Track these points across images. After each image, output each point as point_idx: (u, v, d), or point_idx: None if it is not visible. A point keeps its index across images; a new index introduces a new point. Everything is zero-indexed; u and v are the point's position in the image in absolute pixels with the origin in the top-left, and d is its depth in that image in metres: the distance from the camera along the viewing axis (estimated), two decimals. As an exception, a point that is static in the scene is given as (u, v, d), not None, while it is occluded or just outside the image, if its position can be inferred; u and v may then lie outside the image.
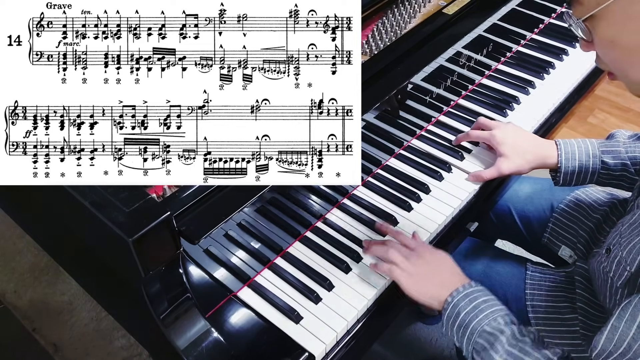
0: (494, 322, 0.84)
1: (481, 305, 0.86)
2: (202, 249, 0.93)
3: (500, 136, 1.12)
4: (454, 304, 0.87)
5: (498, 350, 0.81)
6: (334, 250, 0.99)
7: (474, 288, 0.89)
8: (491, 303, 0.87)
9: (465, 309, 0.86)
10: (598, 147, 1.08)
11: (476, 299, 0.87)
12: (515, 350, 0.80)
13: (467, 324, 0.85)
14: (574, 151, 1.08)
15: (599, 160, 1.07)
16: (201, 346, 0.82)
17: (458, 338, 0.87)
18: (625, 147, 1.07)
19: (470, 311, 0.86)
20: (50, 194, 0.86)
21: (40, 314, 1.76)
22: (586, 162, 1.07)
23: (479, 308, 0.86)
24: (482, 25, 1.27)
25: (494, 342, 0.81)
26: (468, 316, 0.85)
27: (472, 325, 0.85)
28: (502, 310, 0.86)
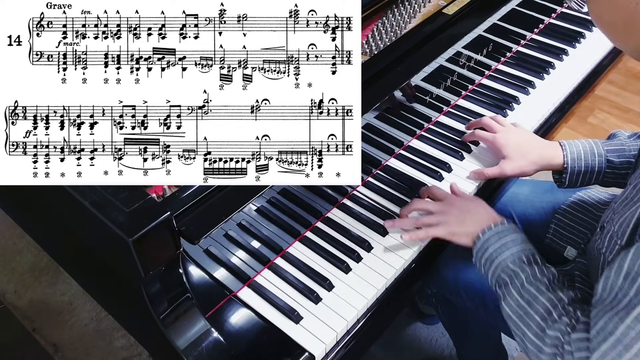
0: (518, 260, 0.89)
1: (509, 243, 0.92)
2: (202, 249, 0.93)
3: (503, 138, 1.12)
4: (484, 240, 0.94)
5: (517, 286, 0.87)
6: (334, 250, 0.99)
7: (504, 226, 0.94)
8: (519, 241, 0.92)
9: (493, 245, 0.92)
10: (602, 147, 1.08)
11: (504, 236, 0.93)
12: (532, 288, 0.86)
13: (494, 260, 0.92)
14: (580, 151, 1.08)
15: (604, 160, 1.07)
16: (201, 346, 0.82)
17: (485, 271, 0.94)
18: (628, 146, 1.08)
19: (498, 248, 0.92)
20: (50, 194, 0.86)
21: (40, 314, 1.76)
22: (592, 161, 1.07)
23: (507, 246, 0.91)
24: (482, 25, 1.27)
25: (514, 278, 0.88)
26: (495, 252, 0.92)
27: (497, 262, 0.91)
28: (527, 250, 0.91)
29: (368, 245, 1.00)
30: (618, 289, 0.73)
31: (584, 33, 1.47)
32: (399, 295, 0.98)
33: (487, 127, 1.17)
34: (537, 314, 0.84)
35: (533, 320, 0.83)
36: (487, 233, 0.94)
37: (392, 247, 1.01)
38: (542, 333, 0.82)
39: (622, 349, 0.71)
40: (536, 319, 0.83)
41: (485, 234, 0.94)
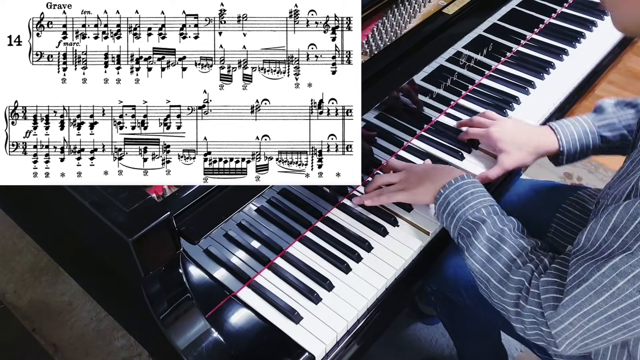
0: (478, 212, 0.92)
1: (468, 197, 0.94)
2: (202, 249, 0.93)
3: (497, 133, 1.12)
4: (444, 195, 0.97)
5: (479, 237, 0.89)
6: (334, 250, 0.99)
7: (464, 180, 0.97)
8: (478, 195, 0.95)
9: (454, 199, 0.95)
10: (594, 123, 1.10)
11: (465, 190, 0.95)
12: (494, 237, 0.88)
13: (455, 213, 0.94)
14: (572, 132, 1.10)
15: (597, 136, 1.09)
16: (201, 346, 0.82)
17: (447, 225, 0.97)
18: (618, 117, 1.10)
19: (458, 202, 0.94)
20: (50, 194, 0.86)
21: (40, 314, 1.76)
22: (586, 140, 1.09)
23: (466, 199, 0.94)
24: (482, 25, 1.27)
25: (476, 229, 0.90)
26: (456, 206, 0.94)
27: (458, 214, 0.94)
28: (487, 201, 0.94)
29: (368, 245, 1.00)
30: (602, 241, 0.75)
31: (584, 33, 1.47)
32: (399, 295, 0.98)
33: (478, 124, 1.18)
34: (500, 261, 0.87)
35: (496, 267, 0.86)
36: (447, 188, 0.96)
37: (392, 247, 1.01)
38: (505, 279, 0.85)
39: (593, 295, 0.74)
40: (499, 265, 0.86)
41: (445, 189, 0.97)
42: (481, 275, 0.89)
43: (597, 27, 1.50)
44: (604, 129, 1.09)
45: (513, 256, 0.86)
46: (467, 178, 0.97)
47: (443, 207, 0.96)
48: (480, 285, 0.90)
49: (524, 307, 0.82)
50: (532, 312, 0.81)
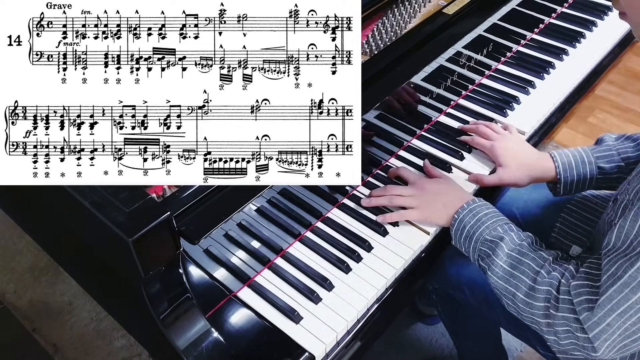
0: (494, 231, 0.94)
1: (482, 218, 0.96)
2: (202, 249, 0.93)
3: (500, 148, 1.13)
4: (459, 220, 0.98)
5: (499, 254, 0.90)
6: (334, 250, 0.99)
7: (476, 203, 0.99)
8: (491, 215, 0.96)
9: (469, 222, 0.97)
10: (592, 154, 1.10)
11: (478, 212, 0.97)
12: (514, 253, 0.90)
13: (472, 235, 0.96)
14: (570, 162, 1.10)
15: (595, 167, 1.09)
16: (201, 346, 0.82)
17: (465, 249, 0.98)
18: (617, 149, 1.09)
19: (474, 224, 0.96)
20: (50, 194, 0.86)
21: (40, 314, 1.76)
22: (583, 170, 1.09)
23: (481, 220, 0.96)
24: (482, 25, 1.27)
25: (495, 248, 0.91)
26: (472, 228, 0.96)
27: (475, 236, 0.95)
28: (502, 219, 0.96)
29: (368, 245, 1.00)
30: (633, 238, 0.75)
31: (584, 33, 1.47)
32: (399, 295, 0.98)
33: (483, 135, 1.18)
34: (524, 275, 0.87)
35: (521, 281, 0.87)
36: (461, 213, 0.98)
37: (393, 247, 1.01)
38: (531, 291, 0.85)
39: (629, 292, 0.74)
40: (524, 279, 0.87)
41: (459, 214, 0.98)
42: (507, 291, 0.89)
43: (597, 27, 1.50)
44: (602, 160, 1.09)
45: (536, 268, 0.86)
46: (479, 201, 0.99)
47: (459, 232, 0.97)
48: (507, 302, 0.90)
49: (555, 315, 0.82)
50: (564, 320, 0.81)
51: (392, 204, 1.05)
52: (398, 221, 1.04)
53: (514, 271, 0.88)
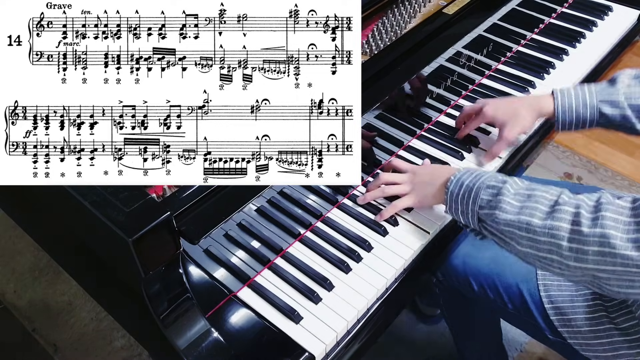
0: (495, 178, 0.89)
1: (482, 174, 0.92)
2: (202, 249, 0.93)
3: (490, 109, 1.13)
4: (456, 180, 0.94)
5: (505, 193, 0.85)
6: (334, 250, 0.99)
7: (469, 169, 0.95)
8: (491, 173, 0.93)
9: (467, 179, 0.93)
10: (596, 97, 1.08)
11: (474, 171, 0.93)
12: (522, 189, 0.85)
13: (471, 188, 0.91)
14: (571, 103, 1.09)
15: (596, 111, 1.08)
16: (201, 346, 0.82)
17: (463, 209, 0.92)
18: (625, 94, 1.07)
19: (473, 179, 0.92)
20: (50, 194, 0.86)
21: (40, 314, 1.76)
22: (583, 113, 1.08)
23: (480, 175, 0.92)
24: (482, 25, 1.27)
25: (501, 188, 0.87)
26: (471, 182, 0.91)
27: (476, 186, 0.90)
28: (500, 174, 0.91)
29: (368, 245, 1.00)
30: None
31: (585, 33, 1.47)
32: (399, 294, 0.98)
33: (469, 113, 1.19)
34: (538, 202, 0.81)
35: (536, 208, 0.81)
36: (457, 175, 0.94)
37: (393, 247, 1.00)
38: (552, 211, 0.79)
39: None
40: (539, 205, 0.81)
41: (455, 176, 0.94)
42: (519, 222, 0.82)
43: (597, 27, 1.50)
44: (605, 105, 1.07)
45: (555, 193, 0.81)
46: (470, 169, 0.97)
47: (456, 192, 0.93)
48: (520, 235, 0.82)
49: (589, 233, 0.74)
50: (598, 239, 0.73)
51: (385, 194, 1.04)
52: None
53: (526, 202, 0.82)
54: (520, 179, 0.89)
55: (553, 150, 2.32)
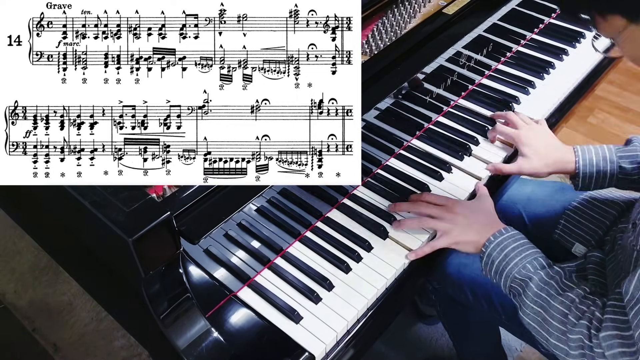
0: (524, 269, 0.92)
1: (510, 253, 0.94)
2: (202, 249, 0.93)
3: (525, 137, 1.15)
4: (487, 254, 0.96)
5: (528, 295, 0.90)
6: (334, 250, 0.99)
7: (503, 236, 0.96)
8: (521, 249, 0.94)
9: (497, 258, 0.95)
10: (615, 153, 1.10)
11: (506, 247, 0.95)
12: (543, 293, 0.89)
13: (501, 272, 0.94)
14: (592, 157, 1.11)
15: (616, 166, 1.10)
16: (201, 346, 0.82)
17: (496, 281, 0.96)
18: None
19: (502, 260, 0.94)
20: (50, 194, 0.86)
21: (40, 314, 1.76)
22: (604, 167, 1.10)
23: (509, 256, 0.94)
24: (482, 25, 1.27)
25: (525, 287, 0.91)
26: (500, 265, 0.94)
27: (505, 273, 0.94)
28: (531, 254, 0.93)
29: (368, 245, 1.00)
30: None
31: (584, 33, 1.47)
32: (399, 295, 0.98)
33: (511, 122, 1.19)
34: (554, 319, 0.86)
35: (552, 326, 0.87)
36: (488, 247, 0.96)
37: (392, 247, 1.01)
38: (564, 337, 0.85)
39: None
40: (554, 324, 0.86)
41: (487, 247, 0.96)
42: (540, 335, 0.89)
43: (597, 27, 1.50)
44: (625, 160, 1.10)
45: (565, 311, 0.86)
46: (506, 232, 0.96)
47: (489, 267, 0.96)
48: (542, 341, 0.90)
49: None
50: None
51: (421, 227, 1.03)
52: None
53: (544, 313, 0.88)
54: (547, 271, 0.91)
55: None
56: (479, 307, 1.15)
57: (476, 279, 1.12)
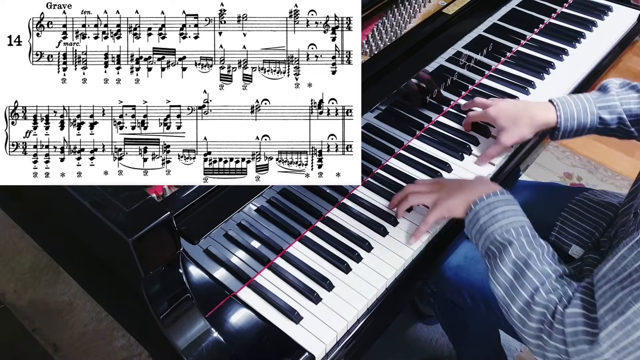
0: (507, 233, 0.89)
1: (498, 215, 0.92)
2: (202, 249, 0.93)
3: (494, 111, 1.14)
4: (475, 211, 0.94)
5: (504, 259, 0.88)
6: (334, 250, 0.99)
7: (497, 197, 0.94)
8: (509, 213, 0.92)
9: (483, 216, 0.93)
10: (595, 104, 1.10)
11: (495, 207, 0.93)
12: (520, 262, 0.86)
13: (483, 231, 0.92)
14: (572, 111, 1.10)
15: (596, 117, 1.10)
16: (201, 346, 0.82)
17: (475, 241, 0.95)
18: (620, 99, 1.10)
19: (488, 220, 0.92)
20: (50, 194, 0.86)
21: (40, 314, 1.75)
22: (584, 120, 1.10)
23: (496, 217, 0.92)
24: (482, 25, 1.27)
25: (502, 250, 0.88)
26: (485, 224, 0.92)
27: (486, 233, 0.92)
28: (517, 221, 0.91)
29: (368, 245, 1.00)
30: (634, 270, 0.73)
31: (584, 33, 1.47)
32: (399, 295, 0.98)
33: (479, 105, 1.20)
34: (523, 289, 0.84)
35: (519, 295, 0.84)
36: (478, 204, 0.94)
37: (392, 247, 1.01)
38: (527, 307, 0.83)
39: (631, 329, 0.72)
40: (522, 294, 0.84)
41: (476, 205, 0.94)
42: (503, 300, 0.87)
43: (597, 27, 1.50)
44: (604, 111, 1.09)
45: (537, 283, 0.83)
46: (501, 194, 0.94)
47: (473, 224, 0.94)
48: (503, 308, 0.89)
49: (547, 342, 0.80)
50: (556, 349, 0.79)
51: (411, 204, 1.03)
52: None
53: (514, 281, 0.85)
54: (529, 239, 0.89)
55: (553, 150, 2.32)
56: (477, 311, 1.15)
57: (474, 283, 1.12)
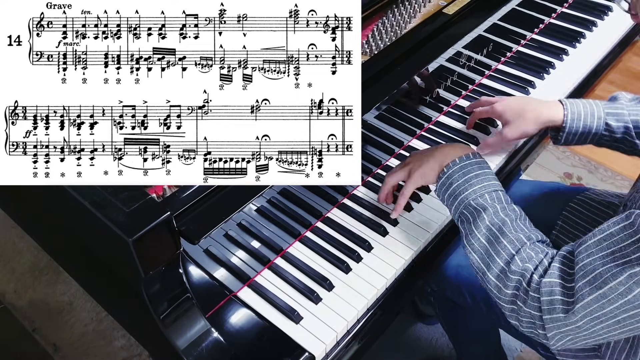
0: (481, 198, 0.88)
1: (472, 179, 0.90)
2: (202, 249, 0.93)
3: (500, 106, 1.14)
4: (447, 175, 0.93)
5: (479, 225, 0.86)
6: (334, 250, 0.99)
7: (470, 160, 0.92)
8: (483, 178, 0.90)
9: (457, 180, 0.91)
10: (603, 109, 1.08)
11: (470, 172, 0.91)
12: (494, 228, 0.85)
13: (457, 195, 0.91)
14: (580, 112, 1.08)
15: (603, 123, 1.07)
16: (201, 346, 0.82)
17: (448, 205, 0.94)
18: (629, 110, 1.08)
19: (461, 184, 0.90)
20: (50, 194, 0.86)
21: (40, 314, 1.75)
22: (591, 123, 1.07)
23: (470, 182, 0.90)
24: (482, 25, 1.27)
25: (477, 216, 0.87)
26: (459, 188, 0.91)
27: (460, 197, 0.90)
28: (491, 185, 0.90)
29: (368, 245, 1.00)
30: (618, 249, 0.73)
31: (584, 33, 1.47)
32: (399, 295, 0.98)
33: (485, 103, 1.19)
34: (498, 256, 0.84)
35: (494, 262, 0.84)
36: (451, 167, 0.93)
37: (392, 247, 1.01)
38: (503, 274, 0.83)
39: (606, 302, 0.73)
40: (498, 261, 0.84)
41: (449, 168, 0.93)
42: (478, 266, 0.86)
43: (597, 27, 1.50)
44: (611, 117, 1.07)
45: (512, 251, 0.83)
46: (474, 157, 0.93)
47: (445, 187, 0.93)
48: (478, 274, 0.88)
49: (521, 307, 0.81)
50: (530, 315, 0.80)
51: (390, 184, 1.04)
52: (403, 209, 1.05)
53: (489, 248, 0.84)
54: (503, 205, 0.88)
55: (553, 150, 2.32)
56: (477, 310, 1.15)
57: (475, 282, 1.12)
